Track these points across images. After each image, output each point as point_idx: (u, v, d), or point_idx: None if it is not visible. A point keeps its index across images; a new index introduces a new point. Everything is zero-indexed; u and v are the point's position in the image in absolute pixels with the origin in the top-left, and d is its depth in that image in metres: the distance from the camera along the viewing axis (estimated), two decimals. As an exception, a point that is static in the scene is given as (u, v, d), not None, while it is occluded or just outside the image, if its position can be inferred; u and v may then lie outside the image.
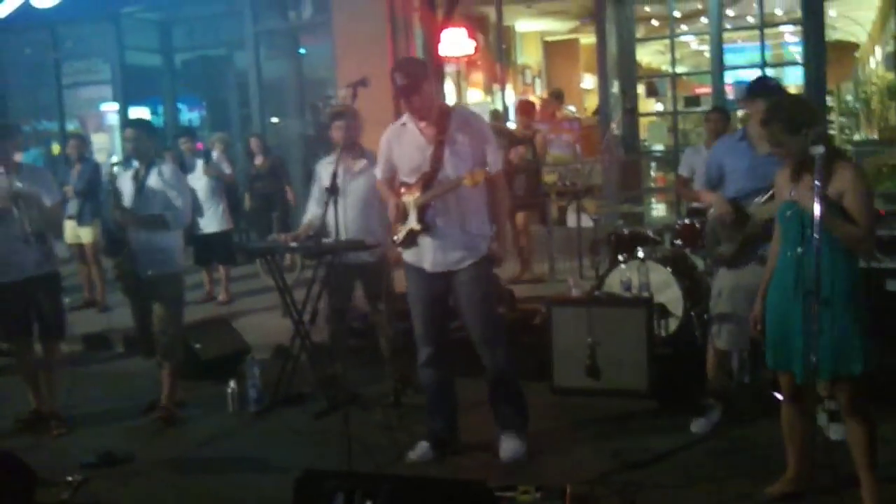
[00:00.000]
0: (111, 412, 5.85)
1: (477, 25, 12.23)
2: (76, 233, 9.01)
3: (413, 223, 4.63)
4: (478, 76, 13.53)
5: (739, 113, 9.41)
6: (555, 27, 14.65)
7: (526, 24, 14.36)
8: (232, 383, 5.95)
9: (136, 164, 5.65)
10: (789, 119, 3.74)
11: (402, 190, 4.71)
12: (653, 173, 11.55)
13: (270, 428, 5.58)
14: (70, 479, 4.66)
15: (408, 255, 4.78)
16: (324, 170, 5.85)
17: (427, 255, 4.67)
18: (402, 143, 4.70)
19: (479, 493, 3.48)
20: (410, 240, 4.69)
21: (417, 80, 4.51)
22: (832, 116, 12.87)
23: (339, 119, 5.78)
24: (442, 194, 4.55)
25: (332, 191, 4.42)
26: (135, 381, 6.50)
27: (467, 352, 4.82)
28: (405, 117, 4.72)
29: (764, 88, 4.78)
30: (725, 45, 10.43)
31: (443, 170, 4.56)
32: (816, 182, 3.49)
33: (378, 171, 4.88)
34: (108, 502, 4.52)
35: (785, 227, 3.81)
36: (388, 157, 4.77)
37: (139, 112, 13.46)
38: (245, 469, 4.92)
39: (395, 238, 4.78)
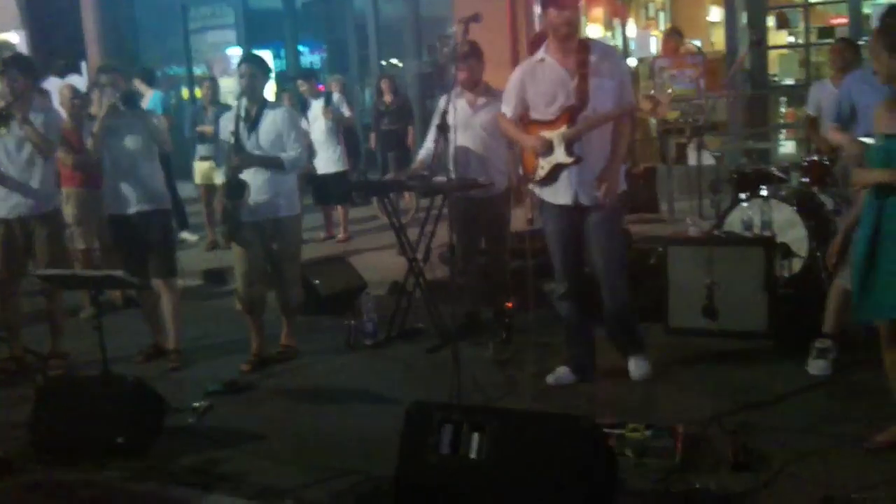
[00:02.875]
0: (234, 344, 6.09)
1: (598, -42, 11.91)
2: (210, 174, 9.27)
3: (562, 157, 4.60)
4: (598, 11, 13.16)
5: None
6: (680, -42, 14.06)
7: (649, -44, 13.84)
8: (349, 318, 6.12)
9: (244, 103, 5.60)
10: (889, 35, 3.52)
11: (538, 126, 4.68)
12: (783, 109, 11.05)
13: (385, 361, 5.72)
14: (196, 405, 4.93)
15: (546, 194, 4.79)
16: (444, 105, 5.87)
17: (570, 189, 4.68)
18: (540, 79, 4.67)
19: (586, 428, 3.47)
20: (553, 175, 4.69)
21: None
22: None
23: (465, 60, 5.75)
24: (595, 127, 4.54)
25: (443, 128, 4.43)
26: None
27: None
28: (541, 53, 4.70)
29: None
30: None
31: (589, 103, 4.54)
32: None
33: (507, 109, 4.84)
34: (231, 427, 4.73)
35: (871, 163, 3.63)
36: (521, 95, 4.74)
37: (261, 55, 13.76)
38: (360, 400, 5.07)
39: (537, 174, 4.75)
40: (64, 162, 6.61)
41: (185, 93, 14.78)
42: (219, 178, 9.06)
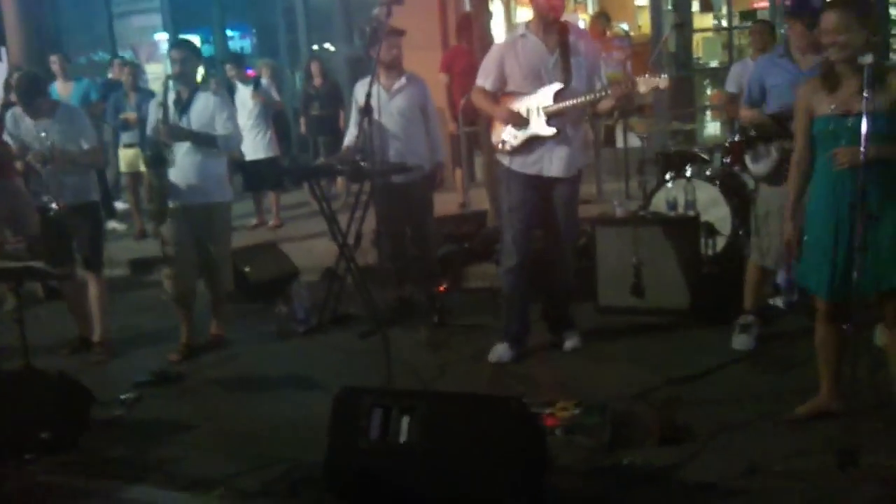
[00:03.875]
0: (162, 334, 5.99)
1: (526, -59, 11.91)
2: (136, 161, 8.98)
3: (541, 128, 4.79)
4: (527, -5, 13.19)
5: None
6: (607, -59, 14.16)
7: (578, -61, 13.91)
8: (280, 305, 6.06)
9: (176, 87, 5.47)
10: (862, 6, 3.57)
11: (515, 98, 4.86)
12: (708, 91, 11.25)
13: (317, 348, 5.69)
14: (124, 397, 4.85)
15: (515, 164, 4.93)
16: (361, 90, 5.83)
17: (547, 161, 4.87)
18: (521, 54, 4.86)
19: (515, 409, 3.50)
20: (528, 146, 4.85)
21: None
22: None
23: (391, 37, 5.74)
24: (579, 108, 4.79)
25: (367, 111, 4.40)
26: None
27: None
28: (522, 29, 4.97)
29: (805, 7, 4.57)
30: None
31: (572, 80, 4.76)
32: (865, 95, 3.37)
33: (486, 83, 4.97)
34: (160, 418, 4.67)
35: (830, 143, 3.65)
36: (501, 69, 4.91)
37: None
38: (291, 387, 5.04)
39: (510, 143, 4.90)
40: None
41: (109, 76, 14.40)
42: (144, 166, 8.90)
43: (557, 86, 4.78)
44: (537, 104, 4.81)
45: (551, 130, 4.80)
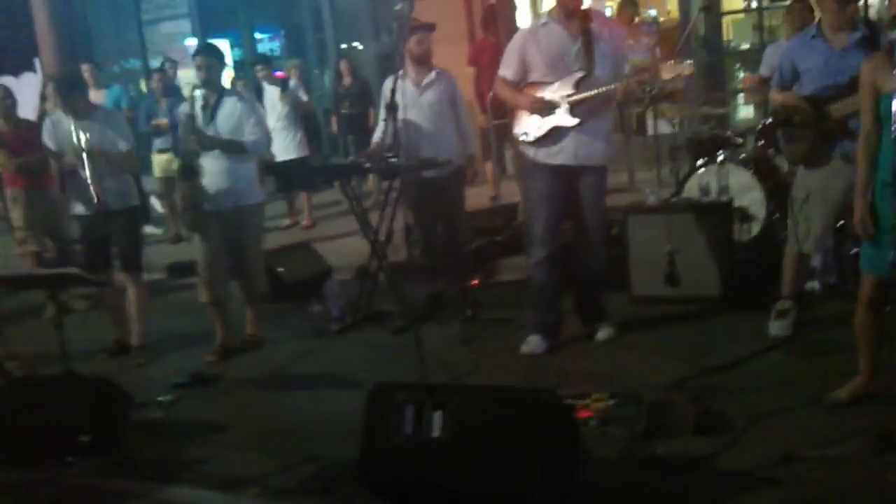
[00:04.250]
0: (198, 336, 6.02)
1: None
2: (169, 166, 9.02)
3: (565, 118, 4.74)
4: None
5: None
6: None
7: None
8: (315, 304, 6.08)
9: (203, 93, 5.48)
10: None
11: (538, 87, 4.82)
12: (740, 74, 11.07)
13: (351, 346, 5.70)
14: (161, 398, 4.90)
15: (540, 154, 4.89)
16: (389, 87, 5.82)
17: (572, 150, 4.81)
18: (543, 42, 4.82)
19: (548, 402, 3.49)
20: (551, 136, 4.80)
21: None
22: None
23: (421, 32, 5.73)
24: (603, 98, 4.72)
25: (392, 107, 4.39)
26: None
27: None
28: (545, 17, 4.93)
29: None
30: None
31: (595, 68, 4.71)
32: (894, 72, 3.29)
33: (508, 72, 4.94)
34: (197, 419, 4.72)
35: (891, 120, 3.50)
36: (523, 58, 4.87)
37: (218, 44, 13.58)
38: (326, 386, 5.05)
39: (533, 134, 4.86)
40: (5, 165, 6.46)
41: (142, 85, 14.57)
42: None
43: (580, 74, 4.73)
44: (559, 93, 4.77)
45: (574, 121, 4.76)
